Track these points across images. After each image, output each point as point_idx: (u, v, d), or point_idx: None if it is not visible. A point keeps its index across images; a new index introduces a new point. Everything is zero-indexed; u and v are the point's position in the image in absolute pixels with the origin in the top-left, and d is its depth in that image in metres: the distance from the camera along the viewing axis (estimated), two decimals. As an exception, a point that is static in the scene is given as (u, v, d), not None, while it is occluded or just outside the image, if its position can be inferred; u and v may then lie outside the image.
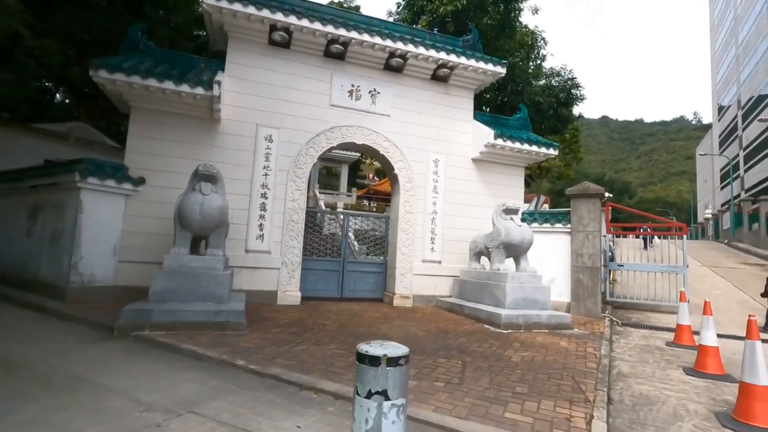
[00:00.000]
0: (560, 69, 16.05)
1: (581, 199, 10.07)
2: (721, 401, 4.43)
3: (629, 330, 8.88)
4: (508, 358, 5.37)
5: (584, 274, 9.77)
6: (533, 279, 8.20)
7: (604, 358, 5.64)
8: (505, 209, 8.52)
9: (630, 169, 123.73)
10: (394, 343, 2.00)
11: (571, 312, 9.73)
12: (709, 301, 5.84)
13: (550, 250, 10.39)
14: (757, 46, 41.06)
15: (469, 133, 10.68)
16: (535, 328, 7.53)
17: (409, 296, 9.60)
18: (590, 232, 9.84)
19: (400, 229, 9.78)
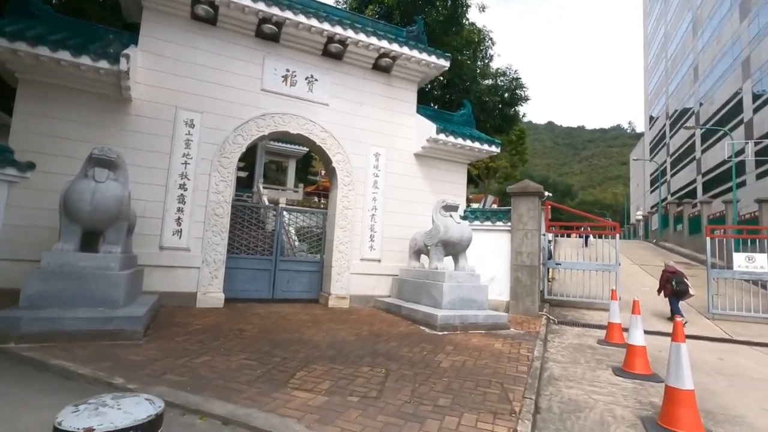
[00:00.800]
0: (506, 69, 16.22)
1: (521, 198, 10.02)
2: (647, 404, 4.29)
3: (564, 328, 8.90)
4: (437, 364, 4.99)
5: (523, 273, 9.72)
6: (471, 278, 7.95)
7: (536, 361, 5.42)
8: (444, 206, 8.21)
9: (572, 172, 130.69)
10: (137, 399, 1.33)
11: (510, 311, 9.66)
12: (637, 300, 5.80)
13: (491, 248, 10.27)
14: (682, 61, 44.49)
15: (412, 127, 10.32)
16: (472, 328, 7.27)
17: (345, 297, 9.07)
18: (529, 230, 9.81)
19: (337, 226, 9.23)
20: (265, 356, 4.79)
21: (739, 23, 30.37)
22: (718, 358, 6.71)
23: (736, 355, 6.95)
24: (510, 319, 8.72)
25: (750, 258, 9.90)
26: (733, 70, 31.36)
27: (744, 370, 5.97)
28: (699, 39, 39.51)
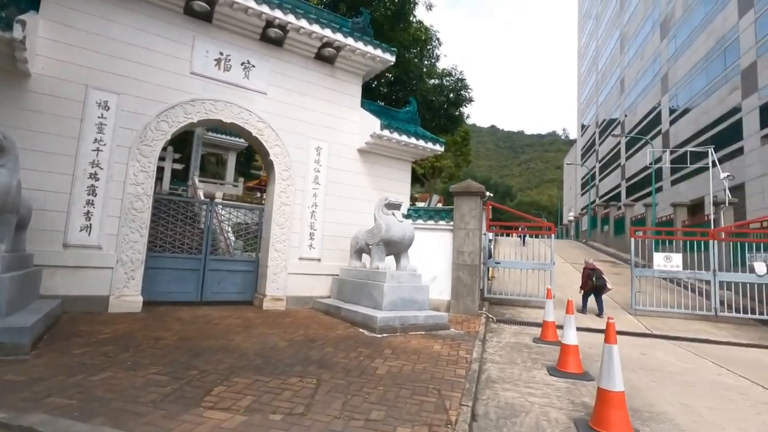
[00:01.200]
0: (452, 69, 16.40)
1: (464, 197, 10.05)
2: (579, 405, 4.30)
3: (503, 327, 9.03)
4: (373, 370, 4.71)
5: (464, 272, 9.76)
6: (413, 278, 7.79)
7: (475, 363, 5.32)
8: (387, 204, 7.98)
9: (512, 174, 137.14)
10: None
11: (451, 310, 9.65)
12: (571, 300, 5.91)
13: (434, 247, 10.22)
14: (611, 74, 48.03)
15: (356, 122, 10.00)
16: (412, 330, 7.09)
17: (282, 298, 8.57)
18: (471, 229, 9.86)
19: (274, 223, 8.68)
20: (181, 369, 4.25)
21: (660, 42, 33.24)
22: (640, 353, 7.05)
23: (657, 350, 7.37)
24: (450, 319, 8.69)
25: (668, 257, 10.67)
26: (654, 84, 34.28)
27: (664, 365, 6.29)
28: (625, 54, 42.80)
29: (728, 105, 22.57)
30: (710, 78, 24.68)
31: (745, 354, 7.45)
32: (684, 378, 5.59)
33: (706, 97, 25.14)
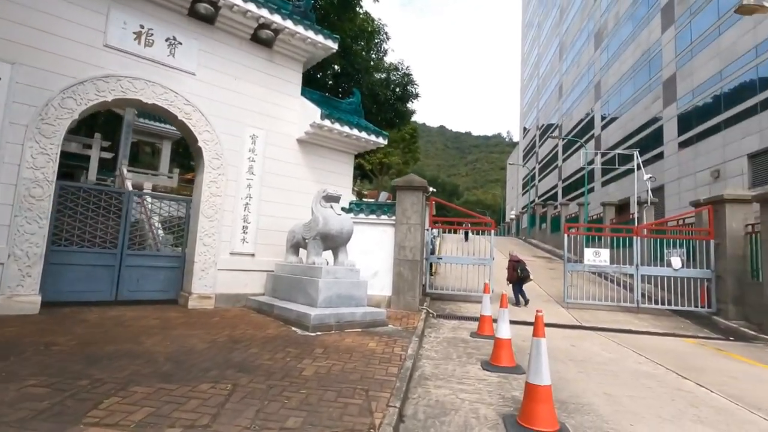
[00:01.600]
0: (398, 63, 16.29)
1: (406, 192, 9.93)
2: (509, 399, 4.24)
3: (442, 322, 9.00)
4: (299, 372, 4.38)
5: (405, 267, 9.64)
6: (351, 273, 7.51)
7: (408, 360, 5.15)
8: (325, 196, 7.63)
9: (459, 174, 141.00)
10: None
11: (392, 306, 9.50)
12: (505, 294, 5.92)
13: (376, 242, 10.01)
14: (551, 80, 50.64)
15: (296, 110, 9.53)
16: (348, 327, 6.82)
17: (210, 296, 7.95)
18: (413, 224, 9.76)
19: (203, 215, 8.03)
20: (69, 379, 3.67)
21: (594, 51, 35.45)
22: (570, 344, 7.27)
23: (585, 341, 7.64)
24: (390, 315, 8.53)
25: (597, 253, 11.23)
26: (588, 92, 36.53)
27: (591, 356, 6.50)
28: (564, 62, 45.26)
29: (651, 113, 24.49)
30: (636, 87, 26.65)
31: (662, 343, 7.93)
32: (608, 368, 5.78)
33: (633, 105, 27.13)
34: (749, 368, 6.25)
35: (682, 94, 21.11)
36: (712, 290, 10.51)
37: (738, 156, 16.40)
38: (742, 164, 16.12)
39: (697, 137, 19.60)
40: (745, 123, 16.25)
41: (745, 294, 9.93)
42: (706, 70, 19.15)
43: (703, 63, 19.36)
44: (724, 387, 5.11)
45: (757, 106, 15.72)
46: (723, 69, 17.82)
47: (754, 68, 15.96)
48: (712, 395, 4.78)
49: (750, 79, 16.13)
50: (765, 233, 9.12)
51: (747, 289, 9.89)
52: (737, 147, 16.54)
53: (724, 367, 6.18)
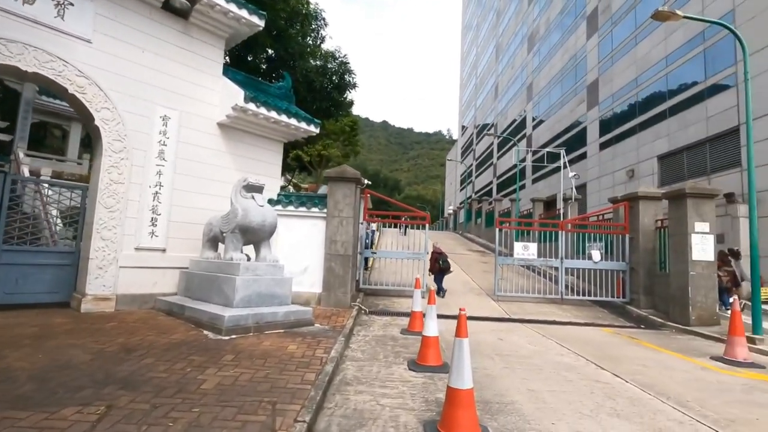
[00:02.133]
0: (335, 50, 15.69)
1: (339, 183, 9.48)
2: (433, 402, 3.99)
3: (374, 319, 8.70)
4: (198, 385, 3.80)
5: (336, 262, 9.21)
6: (273, 270, 6.94)
7: (330, 363, 4.74)
8: (246, 185, 6.96)
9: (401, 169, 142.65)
10: None
11: (322, 303, 9.04)
12: (433, 290, 5.72)
13: (306, 236, 9.48)
14: (488, 80, 52.47)
15: (217, 91, 8.68)
16: (269, 328, 6.26)
17: (110, 297, 6.97)
18: (345, 217, 9.34)
19: (101, 205, 7.00)
20: None
21: (527, 54, 37.13)
22: (498, 338, 7.28)
23: (512, 334, 7.71)
24: (319, 313, 8.07)
25: (525, 246, 11.55)
26: (521, 93, 38.24)
27: (517, 349, 6.52)
28: (500, 63, 47.03)
29: (576, 115, 26.09)
30: (564, 90, 28.26)
31: (583, 333, 8.24)
32: (533, 361, 5.78)
33: (560, 107, 28.75)
34: (657, 355, 6.60)
35: (604, 98, 22.65)
36: (626, 281, 11.22)
37: (650, 157, 17.87)
38: (653, 165, 17.58)
39: (615, 139, 21.13)
40: (656, 127, 17.71)
41: (654, 284, 10.69)
42: (624, 76, 20.66)
43: (622, 70, 20.87)
44: (637, 376, 5.28)
45: (666, 112, 17.19)
46: (638, 76, 19.31)
47: (664, 77, 17.43)
48: (627, 386, 4.89)
49: (660, 88, 17.61)
50: (672, 228, 9.83)
51: (656, 280, 10.66)
52: (649, 149, 18.01)
53: (637, 355, 6.47)
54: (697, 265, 9.19)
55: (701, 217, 9.36)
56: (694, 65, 15.61)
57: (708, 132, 14.58)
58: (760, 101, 12.69)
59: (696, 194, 9.37)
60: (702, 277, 9.15)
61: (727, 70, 13.89)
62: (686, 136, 15.69)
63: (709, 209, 9.44)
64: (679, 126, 16.17)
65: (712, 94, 14.54)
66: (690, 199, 9.35)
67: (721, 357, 6.45)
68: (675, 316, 9.40)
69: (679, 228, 9.58)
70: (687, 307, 9.08)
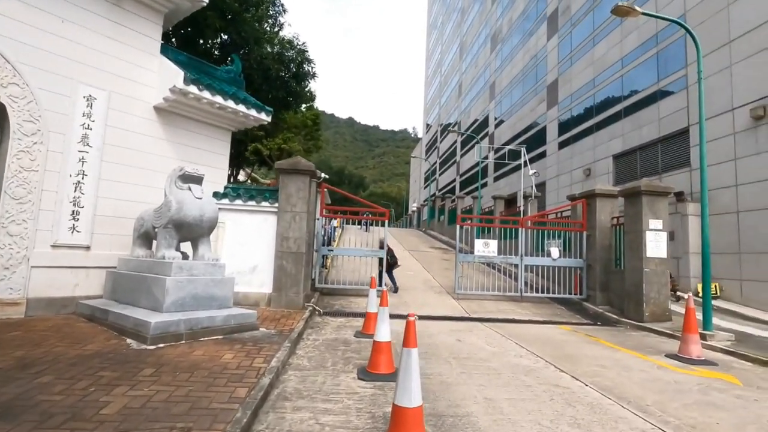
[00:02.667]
0: (293, 38, 14.92)
1: (291, 176, 8.87)
2: (380, 418, 3.54)
3: (327, 320, 8.19)
4: (97, 410, 3.17)
5: (288, 260, 8.61)
6: (213, 269, 6.27)
7: (268, 375, 4.21)
8: (182, 175, 6.24)
9: (367, 167, 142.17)
10: None
11: (272, 304, 8.43)
12: (386, 290, 5.29)
13: (256, 232, 8.82)
14: (452, 78, 52.82)
15: (154, 71, 7.84)
16: (206, 334, 5.61)
17: (18, 302, 6.07)
18: (298, 212, 8.75)
19: (7, 195, 6.07)
20: None
21: (490, 53, 37.53)
22: (456, 339, 6.96)
23: (471, 334, 7.42)
24: (267, 316, 7.48)
25: (486, 243, 11.37)
26: (484, 92, 38.65)
27: (475, 351, 6.20)
28: (463, 62, 47.40)
29: (536, 114, 26.55)
30: (525, 90, 28.70)
31: (541, 331, 8.08)
32: (491, 365, 5.47)
33: (521, 106, 29.19)
34: (614, 354, 6.48)
35: (563, 98, 23.11)
36: (583, 278, 11.28)
37: (605, 156, 18.33)
38: (608, 164, 18.04)
39: (573, 138, 21.59)
40: (612, 127, 18.18)
41: (609, 281, 10.79)
42: (582, 77, 21.12)
43: (580, 71, 21.33)
44: (596, 378, 5.07)
45: (621, 113, 17.66)
46: (596, 77, 19.78)
47: (620, 79, 17.90)
48: (587, 390, 4.65)
49: (616, 89, 18.08)
50: (628, 225, 9.91)
51: (611, 276, 10.76)
52: (605, 148, 18.47)
53: (595, 355, 6.32)
54: (651, 261, 9.29)
55: (655, 214, 9.47)
56: (647, 67, 16.08)
57: (660, 132, 15.05)
58: (708, 104, 13.14)
59: (651, 192, 9.47)
60: (655, 273, 9.26)
61: (679, 72, 14.37)
62: (640, 136, 16.16)
63: (663, 207, 9.57)
64: (633, 126, 16.63)
65: (664, 96, 15.01)
66: (645, 197, 9.43)
67: (675, 354, 6.42)
68: (629, 313, 9.48)
69: (634, 225, 9.66)
70: (641, 303, 9.16)
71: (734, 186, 11.88)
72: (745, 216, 11.55)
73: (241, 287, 8.64)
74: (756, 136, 11.35)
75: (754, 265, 11.16)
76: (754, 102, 11.44)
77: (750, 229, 11.37)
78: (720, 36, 12.45)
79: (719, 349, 7.01)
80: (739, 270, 11.52)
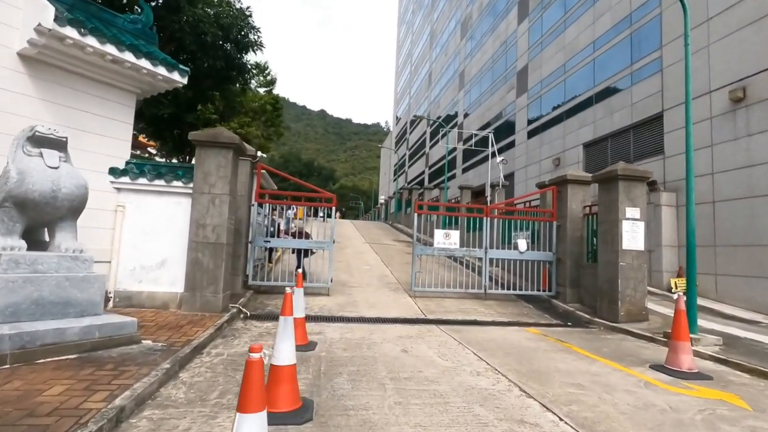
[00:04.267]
0: (234, 0, 13.08)
1: (210, 150, 7.29)
2: None
3: (252, 326, 6.71)
4: None
5: (205, 253, 7.06)
6: (71, 264, 4.66)
7: (94, 424, 2.72)
8: (32, 137, 4.61)
9: (338, 160, 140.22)
10: None
11: (184, 306, 6.88)
12: (290, 293, 3.89)
13: (167, 218, 7.24)
14: (422, 68, 51.59)
15: (19, 8, 6.05)
16: (48, 354, 4.05)
17: None
18: (218, 195, 7.19)
19: None
20: None
21: (460, 40, 36.44)
22: (402, 349, 5.64)
23: (422, 342, 6.13)
24: (167, 322, 5.94)
25: (447, 234, 10.13)
26: (454, 80, 37.58)
27: (422, 366, 4.90)
28: (434, 50, 46.22)
29: (506, 102, 25.64)
30: (495, 77, 27.75)
31: (506, 336, 6.90)
32: (439, 388, 4.17)
33: (491, 95, 28.25)
34: (590, 366, 5.34)
35: (533, 85, 22.23)
36: (553, 273, 10.24)
37: (575, 145, 17.51)
38: (578, 153, 17.23)
39: (542, 127, 20.75)
40: (582, 114, 17.36)
41: (581, 276, 9.78)
42: (552, 62, 20.26)
43: (551, 56, 20.45)
44: (572, 407, 3.85)
45: (592, 99, 16.83)
46: (566, 62, 18.92)
47: (591, 62, 17.07)
48: (561, 427, 3.41)
49: (587, 74, 17.25)
50: (602, 214, 8.88)
51: (583, 271, 9.75)
52: (575, 137, 17.65)
53: (568, 368, 5.14)
54: (627, 254, 8.28)
55: (632, 201, 8.45)
56: (620, 50, 15.25)
57: (632, 119, 14.25)
58: (676, 89, 12.39)
59: (628, 176, 8.44)
60: (632, 268, 8.26)
61: (653, 54, 13.55)
62: (611, 123, 15.36)
63: (640, 193, 8.57)
64: (604, 113, 15.82)
65: (637, 79, 14.21)
66: (622, 182, 8.39)
67: (662, 366, 5.33)
68: (603, 312, 8.46)
69: (608, 214, 8.62)
70: (616, 301, 8.14)
71: (710, 174, 11.11)
72: (720, 206, 10.80)
73: (145, 286, 7.05)
74: (734, 120, 10.57)
75: (730, 258, 10.44)
76: (732, 84, 10.65)
77: (726, 220, 10.63)
78: (698, 14, 11.64)
79: (708, 356, 6.01)
80: (714, 264, 10.78)
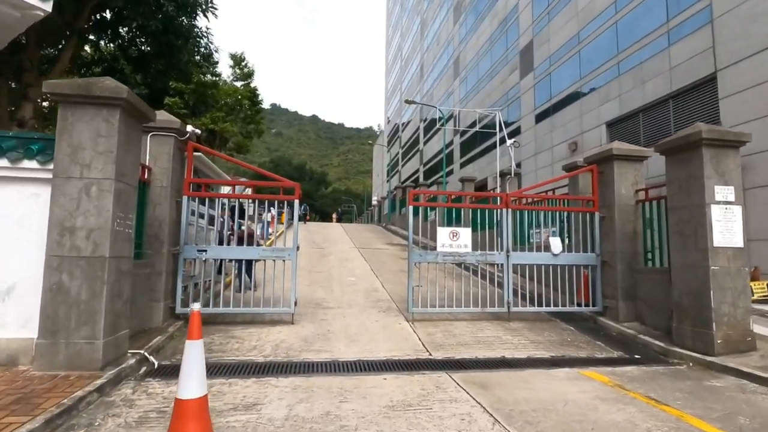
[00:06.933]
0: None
1: (79, 109, 4.58)
2: None
3: (150, 388, 4.02)
4: None
5: (75, 275, 4.36)
6: None
7: None
8: None
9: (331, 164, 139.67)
10: None
11: (38, 362, 4.20)
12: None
13: (14, 221, 4.55)
14: (413, 60, 49.11)
15: None
16: None
17: None
18: (97, 180, 4.50)
19: None
20: None
21: (453, 26, 33.98)
22: (393, 453, 2.97)
23: (429, 420, 3.44)
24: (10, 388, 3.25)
25: (454, 234, 7.46)
26: (448, 69, 35.11)
27: None
28: (425, 40, 43.77)
29: (508, 85, 23.17)
30: (494, 60, 25.27)
31: (553, 390, 4.24)
32: None
33: (490, 79, 25.77)
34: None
35: (539, 63, 19.75)
36: (596, 281, 7.62)
37: (596, 125, 15.02)
38: (600, 134, 14.75)
39: (554, 108, 18.24)
40: (605, 88, 14.87)
41: (637, 285, 7.19)
42: (563, 33, 17.79)
43: (561, 26, 17.99)
44: None
45: (617, 68, 14.33)
46: (581, 30, 16.45)
47: (613, 26, 14.59)
48: None
49: (609, 40, 14.77)
50: (675, 198, 6.25)
51: (640, 278, 7.16)
52: (595, 115, 15.15)
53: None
54: (721, 254, 5.66)
55: (723, 177, 5.85)
56: (651, 5, 12.76)
57: (672, 86, 11.76)
58: (734, 41, 9.89)
59: (715, 142, 5.84)
60: (728, 273, 5.65)
61: (698, 4, 11.07)
62: (642, 94, 12.86)
63: (734, 165, 5.96)
64: (633, 83, 13.33)
65: (676, 38, 11.73)
66: (707, 150, 5.79)
67: None
68: (683, 338, 5.84)
69: (686, 197, 6.01)
70: (707, 323, 5.52)
71: (788, 147, 8.60)
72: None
73: (-24, 330, 4.34)
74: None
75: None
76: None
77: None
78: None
79: None
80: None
